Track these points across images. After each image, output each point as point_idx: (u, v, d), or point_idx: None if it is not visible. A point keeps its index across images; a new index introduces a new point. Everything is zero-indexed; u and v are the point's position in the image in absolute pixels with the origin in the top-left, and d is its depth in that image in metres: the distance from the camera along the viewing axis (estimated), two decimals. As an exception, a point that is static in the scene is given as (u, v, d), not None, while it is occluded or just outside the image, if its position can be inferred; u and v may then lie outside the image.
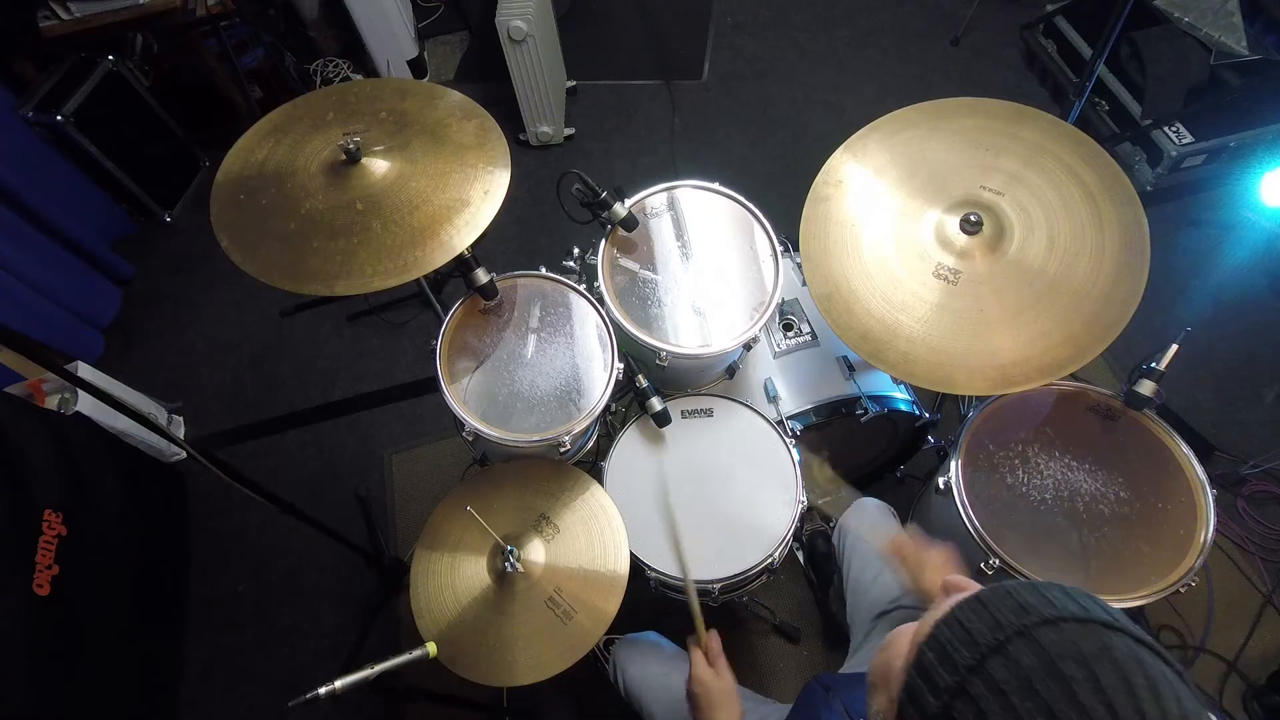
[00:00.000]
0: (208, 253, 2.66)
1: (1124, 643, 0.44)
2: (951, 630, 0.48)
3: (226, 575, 2.03)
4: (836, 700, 0.93)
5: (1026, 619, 0.45)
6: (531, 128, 2.76)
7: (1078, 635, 0.44)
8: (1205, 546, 1.14)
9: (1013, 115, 1.26)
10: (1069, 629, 0.44)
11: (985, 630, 0.46)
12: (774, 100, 2.92)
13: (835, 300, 1.23)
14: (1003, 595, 0.48)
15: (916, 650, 0.49)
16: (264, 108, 1.73)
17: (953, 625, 0.48)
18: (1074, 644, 0.43)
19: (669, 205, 1.42)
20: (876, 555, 1.27)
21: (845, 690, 0.95)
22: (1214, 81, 2.37)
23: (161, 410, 2.20)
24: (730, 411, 1.40)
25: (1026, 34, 2.88)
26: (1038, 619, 0.45)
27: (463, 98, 1.30)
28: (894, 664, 0.52)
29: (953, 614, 0.49)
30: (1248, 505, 1.89)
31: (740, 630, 1.80)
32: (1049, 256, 1.16)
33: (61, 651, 1.49)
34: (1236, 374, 2.11)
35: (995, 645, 0.45)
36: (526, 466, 1.29)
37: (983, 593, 0.49)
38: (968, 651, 0.46)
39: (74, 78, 2.34)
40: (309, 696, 0.93)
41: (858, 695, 0.92)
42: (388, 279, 1.11)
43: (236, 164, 1.22)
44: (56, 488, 1.60)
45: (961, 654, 0.46)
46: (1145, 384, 1.22)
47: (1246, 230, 2.32)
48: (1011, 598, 0.47)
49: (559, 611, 1.12)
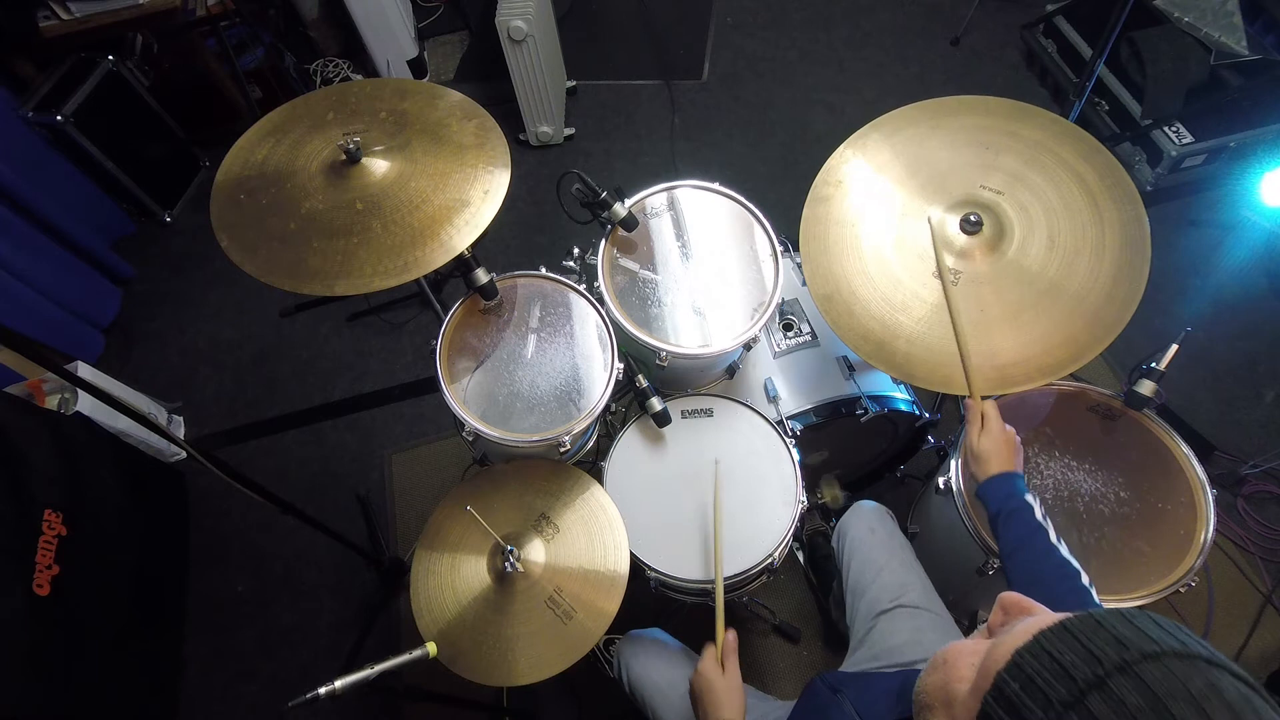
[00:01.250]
0: (208, 253, 2.66)
1: (1230, 682, 0.42)
2: (1041, 662, 0.45)
3: (226, 575, 2.03)
4: (845, 701, 0.92)
5: (1126, 654, 0.43)
6: (531, 128, 2.76)
7: (1184, 672, 0.41)
8: (1205, 546, 1.14)
9: (1013, 113, 1.25)
10: (1174, 665, 0.42)
11: (1081, 664, 0.43)
12: (774, 100, 2.92)
13: (835, 301, 1.23)
14: (1094, 626, 0.45)
15: (997, 680, 0.46)
16: (264, 108, 1.73)
17: (1041, 657, 0.45)
18: (1182, 682, 0.41)
19: (669, 205, 1.42)
20: (880, 552, 1.27)
21: (853, 690, 0.95)
22: (1214, 81, 2.37)
23: (161, 410, 2.20)
24: (730, 411, 1.40)
25: (1026, 34, 2.88)
26: (1138, 654, 0.42)
27: (463, 98, 1.30)
28: (956, 686, 0.49)
29: (1038, 643, 0.46)
30: (1248, 505, 1.89)
31: (740, 630, 1.78)
32: (1049, 256, 1.16)
33: (61, 651, 1.49)
34: (1236, 374, 2.11)
35: (1095, 681, 0.42)
36: (526, 466, 1.29)
37: (1069, 622, 0.46)
38: (1063, 686, 0.43)
39: (74, 78, 2.34)
40: (309, 696, 0.93)
41: (865, 695, 0.92)
42: (388, 279, 1.11)
43: (236, 164, 1.22)
44: (56, 488, 1.60)
45: (1055, 689, 0.43)
46: (1145, 384, 1.22)
47: (1246, 230, 2.32)
48: (1104, 629, 0.45)
49: (559, 611, 1.12)
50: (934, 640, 1.11)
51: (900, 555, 1.26)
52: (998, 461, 1.05)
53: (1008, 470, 1.04)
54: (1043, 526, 0.97)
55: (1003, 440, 1.07)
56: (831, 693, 0.97)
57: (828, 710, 0.94)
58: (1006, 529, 0.99)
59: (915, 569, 1.25)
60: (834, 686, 0.98)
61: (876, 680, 1.04)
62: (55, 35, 2.32)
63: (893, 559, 1.25)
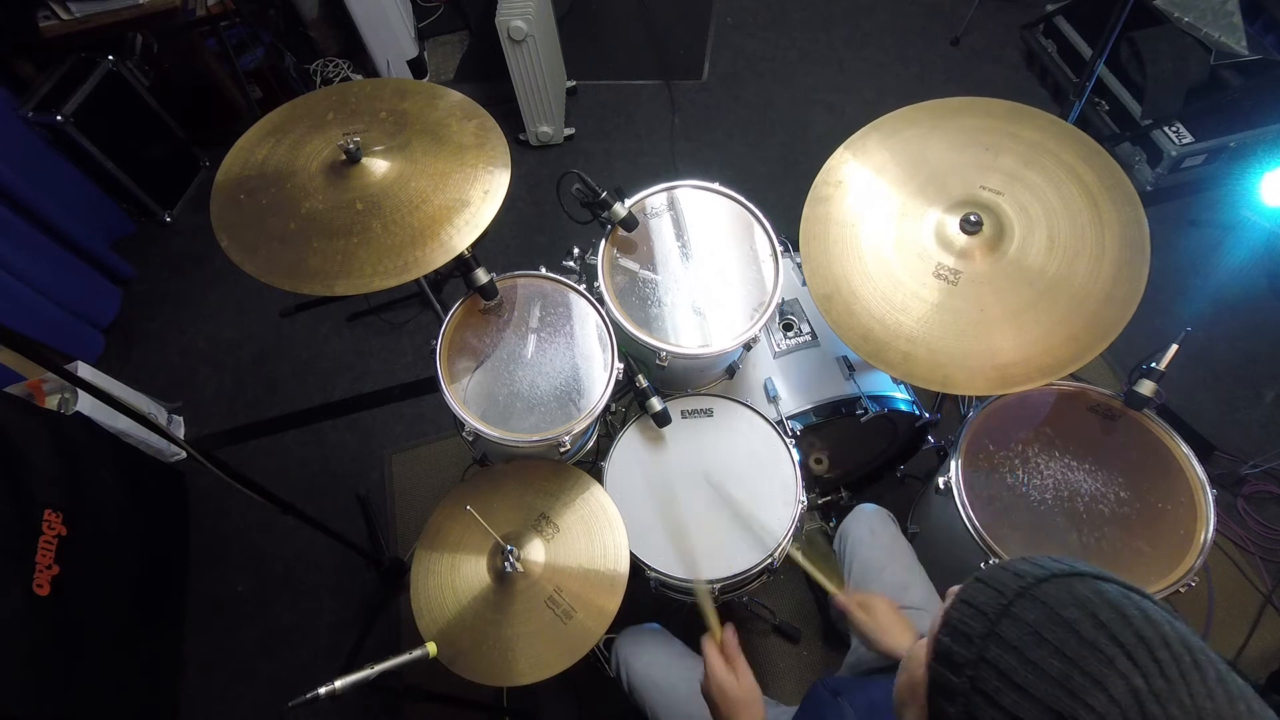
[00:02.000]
0: (208, 253, 2.66)
1: (1114, 587, 0.48)
2: (960, 611, 0.51)
3: (226, 575, 2.03)
4: (846, 705, 0.92)
5: (1022, 582, 0.50)
6: (531, 128, 2.76)
7: (1072, 585, 0.48)
8: (1205, 546, 1.14)
9: (1012, 114, 1.26)
10: (1063, 582, 0.49)
11: (989, 601, 0.50)
12: (774, 100, 2.92)
13: (835, 301, 1.23)
14: (998, 570, 0.53)
15: (934, 642, 0.52)
16: (264, 108, 1.73)
17: (959, 607, 0.52)
18: (1069, 592, 0.48)
19: (669, 205, 1.42)
20: (880, 554, 1.27)
21: (854, 693, 0.95)
22: (1214, 81, 2.37)
23: (161, 410, 2.20)
24: (730, 411, 1.40)
25: (1026, 34, 2.88)
26: (1032, 580, 0.50)
27: (463, 98, 1.30)
28: (917, 673, 0.54)
29: (959, 597, 0.53)
30: (1248, 505, 1.89)
31: (740, 630, 1.77)
32: (1049, 256, 1.16)
33: (61, 651, 1.49)
34: (1236, 374, 2.11)
35: (1001, 610, 0.49)
36: (526, 466, 1.29)
37: (980, 573, 0.54)
38: (977, 624, 0.49)
39: (74, 78, 2.34)
40: (309, 696, 0.93)
41: (867, 698, 0.92)
42: (388, 279, 1.11)
43: (236, 164, 1.22)
44: (56, 488, 1.60)
45: (973, 627, 0.50)
46: (1145, 384, 1.22)
47: (1246, 230, 2.32)
48: (1007, 570, 0.52)
49: (559, 611, 1.12)
50: None
51: (901, 558, 1.26)
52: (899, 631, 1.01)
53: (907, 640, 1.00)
54: None
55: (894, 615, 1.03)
56: (832, 696, 0.97)
57: (829, 714, 0.94)
58: None
59: (916, 571, 1.25)
60: (835, 690, 0.98)
61: (877, 684, 1.04)
62: (55, 35, 2.32)
63: (894, 561, 1.25)
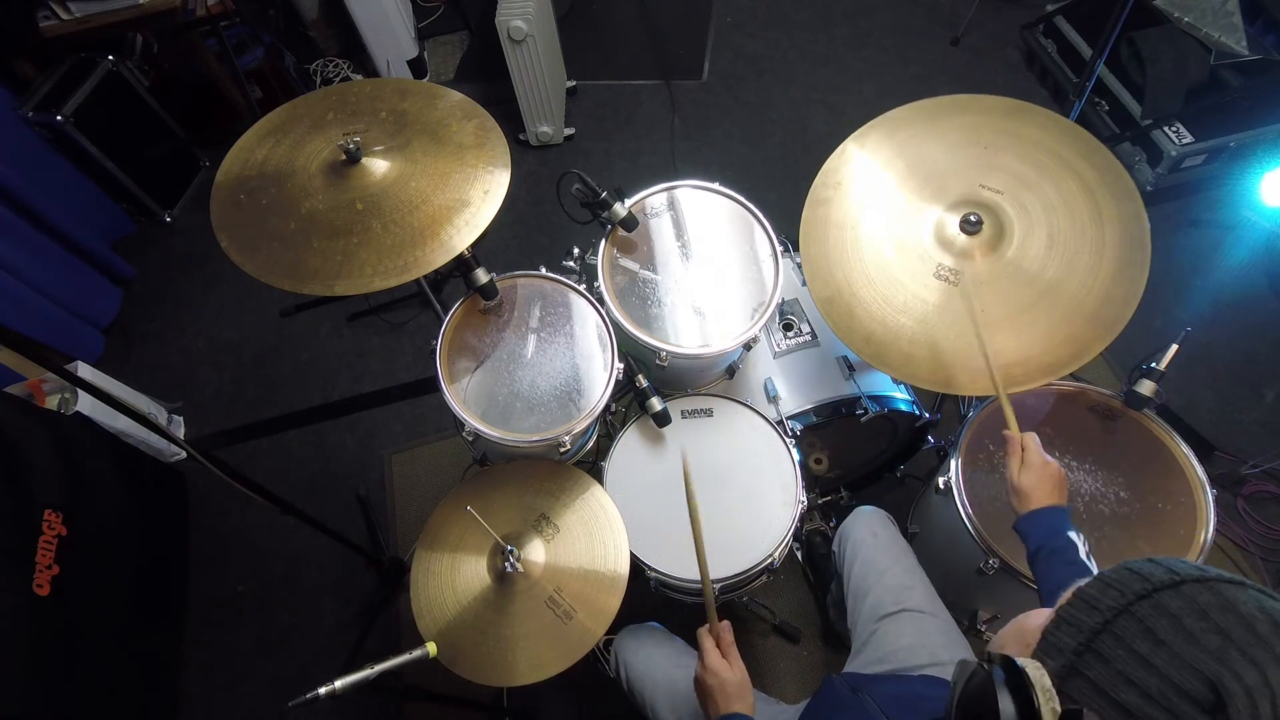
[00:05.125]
0: (208, 253, 2.66)
1: (1251, 595, 0.46)
2: (1085, 598, 0.51)
3: (226, 575, 2.03)
4: (868, 700, 0.92)
5: (1149, 584, 0.48)
6: (531, 128, 2.76)
7: (1196, 591, 0.47)
8: (1205, 546, 1.14)
9: (1010, 111, 1.25)
10: (1189, 589, 0.47)
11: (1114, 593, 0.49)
12: (774, 100, 2.92)
13: (837, 303, 1.23)
14: (1122, 568, 0.52)
15: (1057, 612, 0.52)
16: (264, 108, 1.73)
17: (1087, 592, 0.52)
18: (1193, 600, 0.46)
19: (669, 205, 1.42)
20: (882, 556, 1.27)
21: (874, 690, 0.95)
22: (1214, 81, 2.37)
23: (161, 410, 2.20)
24: (730, 411, 1.40)
25: (1026, 34, 2.88)
26: (1164, 582, 0.48)
27: (463, 98, 1.30)
28: (1032, 624, 0.55)
29: (1092, 582, 0.52)
30: (1248, 505, 1.89)
31: (740, 630, 1.80)
32: (1049, 255, 1.16)
33: (61, 651, 1.49)
34: (1236, 374, 2.11)
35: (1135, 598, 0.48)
36: (526, 466, 1.29)
37: (1125, 562, 0.53)
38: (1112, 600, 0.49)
39: (74, 78, 2.34)
40: (309, 696, 0.93)
41: (890, 692, 0.92)
42: (388, 279, 1.11)
43: (236, 164, 1.22)
44: (56, 488, 1.60)
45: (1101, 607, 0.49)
46: (1145, 384, 1.22)
47: (1246, 230, 2.32)
48: (1130, 569, 0.51)
49: (559, 611, 1.12)
50: (939, 644, 1.10)
51: (902, 559, 1.26)
52: (1039, 496, 1.00)
53: (1051, 504, 0.99)
54: (1086, 566, 0.92)
55: (1045, 474, 1.01)
56: (852, 692, 0.96)
57: (851, 710, 0.93)
58: (1048, 567, 0.94)
59: (918, 573, 1.24)
60: (854, 686, 0.98)
61: (895, 683, 1.04)
62: (55, 35, 2.32)
63: (895, 563, 1.24)
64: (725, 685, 0.94)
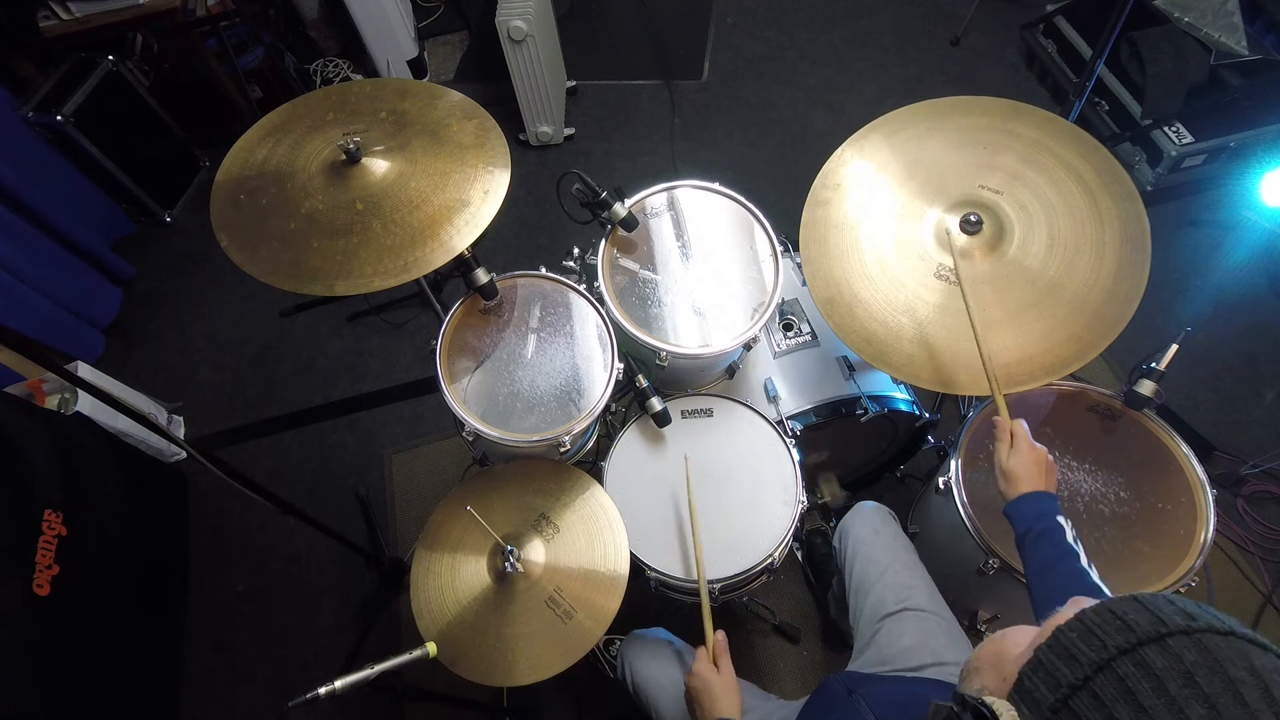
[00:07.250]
0: (208, 253, 2.66)
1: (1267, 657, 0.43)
2: (1075, 633, 0.48)
3: (226, 575, 2.03)
4: (861, 701, 0.92)
5: (1161, 627, 0.45)
6: (531, 128, 2.76)
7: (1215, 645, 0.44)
8: (1205, 546, 1.14)
9: (1010, 112, 1.26)
10: (1207, 639, 0.44)
11: (1113, 634, 0.46)
12: (774, 100, 2.92)
13: (837, 304, 1.23)
14: (1130, 602, 0.48)
15: (1036, 652, 0.50)
16: (264, 108, 1.73)
17: (1076, 628, 0.49)
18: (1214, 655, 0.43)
19: (669, 205, 1.42)
20: (884, 554, 1.27)
21: (868, 691, 0.95)
22: (1214, 81, 2.37)
23: (161, 410, 2.20)
24: (730, 411, 1.40)
25: (1026, 34, 2.88)
26: (1174, 628, 0.45)
27: (463, 98, 1.30)
28: (1010, 652, 0.53)
29: (1078, 619, 0.49)
30: (1248, 505, 1.89)
31: (740, 630, 1.80)
32: (1049, 255, 1.16)
33: (61, 651, 1.49)
34: (1236, 374, 2.11)
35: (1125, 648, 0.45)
36: (526, 466, 1.29)
37: (1111, 600, 0.50)
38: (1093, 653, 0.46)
39: (74, 78, 2.34)
40: (309, 696, 0.93)
41: (885, 694, 0.92)
42: (388, 279, 1.11)
43: (236, 164, 1.22)
44: (56, 488, 1.60)
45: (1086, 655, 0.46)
46: (1145, 384, 1.22)
47: (1246, 230, 2.32)
48: (1142, 605, 0.47)
49: (559, 611, 1.12)
50: (941, 644, 1.10)
51: (904, 557, 1.26)
52: (1028, 480, 1.01)
53: (1038, 490, 1.00)
54: (1073, 549, 0.92)
55: (1032, 459, 1.02)
56: (847, 693, 0.96)
57: (844, 711, 0.94)
58: (1035, 549, 0.95)
59: (919, 571, 1.24)
60: (849, 687, 0.98)
61: (891, 684, 1.04)
62: (55, 35, 2.32)
63: (897, 561, 1.24)
64: (711, 688, 0.97)
